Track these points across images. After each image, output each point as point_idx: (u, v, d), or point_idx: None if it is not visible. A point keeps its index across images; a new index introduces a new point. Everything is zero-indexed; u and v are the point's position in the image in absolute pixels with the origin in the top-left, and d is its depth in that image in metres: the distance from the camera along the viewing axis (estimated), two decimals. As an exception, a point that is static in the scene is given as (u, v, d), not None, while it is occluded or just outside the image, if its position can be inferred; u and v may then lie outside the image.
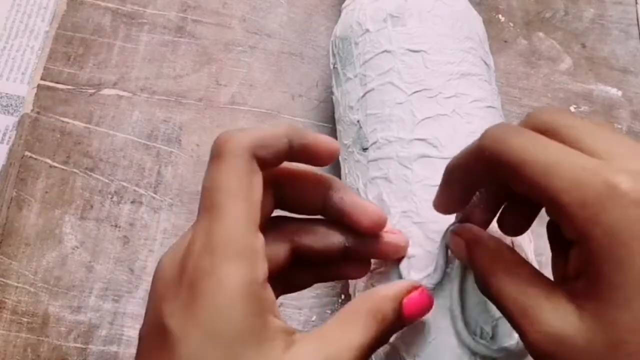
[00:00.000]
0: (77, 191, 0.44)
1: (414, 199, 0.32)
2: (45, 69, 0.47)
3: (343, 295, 0.41)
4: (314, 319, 0.41)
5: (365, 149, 0.35)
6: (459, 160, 0.26)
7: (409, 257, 0.31)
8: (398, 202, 0.32)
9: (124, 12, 0.49)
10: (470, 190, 0.27)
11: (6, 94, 0.47)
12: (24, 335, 0.40)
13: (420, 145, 0.33)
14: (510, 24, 0.51)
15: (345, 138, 0.37)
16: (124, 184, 0.44)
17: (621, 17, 0.52)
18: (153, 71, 0.47)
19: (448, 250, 0.30)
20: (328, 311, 0.41)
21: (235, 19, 0.50)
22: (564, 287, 0.23)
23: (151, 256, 0.42)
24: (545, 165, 0.22)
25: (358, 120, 0.36)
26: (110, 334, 0.40)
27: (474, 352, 0.29)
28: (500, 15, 0.51)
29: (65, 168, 0.44)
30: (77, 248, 0.42)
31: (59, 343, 0.40)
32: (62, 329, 0.40)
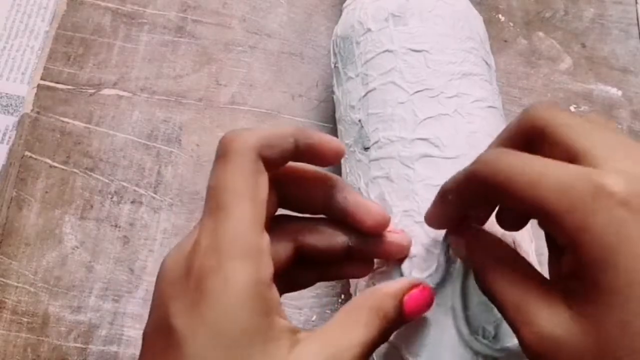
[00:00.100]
0: (77, 191, 0.43)
1: (415, 199, 0.32)
2: (45, 69, 0.47)
3: (343, 295, 0.41)
4: (314, 318, 0.41)
5: (366, 149, 0.35)
6: (452, 185, 0.26)
7: (410, 257, 0.31)
8: (400, 202, 0.32)
9: (124, 12, 0.49)
10: (463, 210, 0.27)
11: (6, 94, 0.47)
12: (24, 335, 0.40)
13: (422, 144, 0.33)
14: (510, 23, 0.51)
15: (347, 137, 0.37)
16: (124, 184, 0.44)
17: (621, 17, 0.52)
18: (153, 71, 0.47)
19: (450, 250, 0.30)
20: (328, 311, 0.41)
21: (235, 19, 0.49)
22: (559, 287, 0.23)
23: (151, 256, 0.42)
24: (531, 178, 0.22)
25: (359, 120, 0.36)
26: (110, 334, 0.40)
27: (476, 352, 0.29)
28: (500, 15, 0.51)
29: (65, 168, 0.44)
30: (77, 248, 0.42)
31: (59, 343, 0.40)
32: (62, 329, 0.40)
